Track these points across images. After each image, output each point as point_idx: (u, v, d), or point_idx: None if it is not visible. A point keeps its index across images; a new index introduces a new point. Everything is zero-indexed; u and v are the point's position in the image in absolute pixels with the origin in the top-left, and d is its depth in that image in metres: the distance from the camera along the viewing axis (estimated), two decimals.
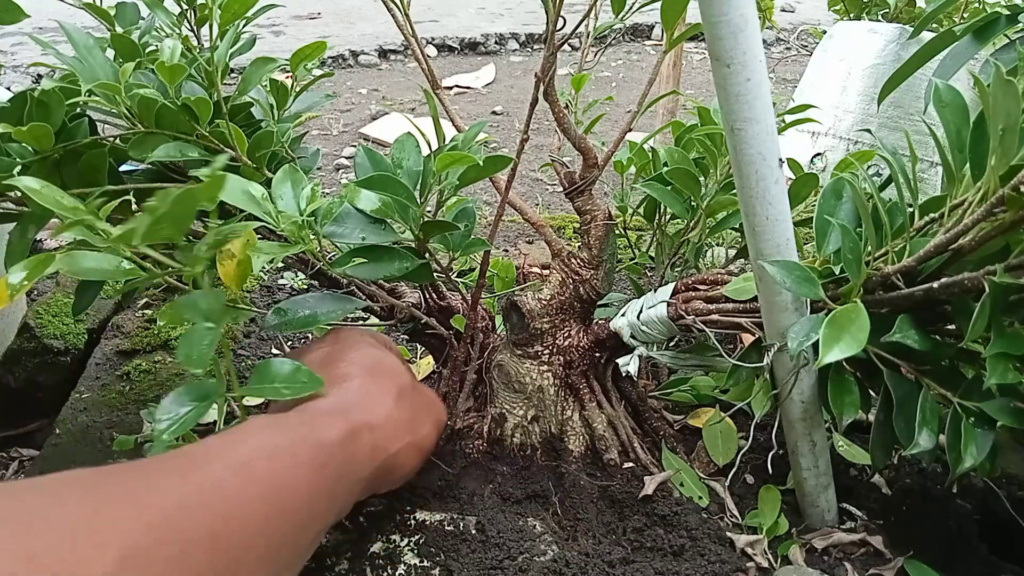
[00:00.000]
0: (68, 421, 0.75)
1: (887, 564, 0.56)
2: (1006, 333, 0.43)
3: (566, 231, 1.24)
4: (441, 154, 0.50)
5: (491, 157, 0.52)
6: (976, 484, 0.63)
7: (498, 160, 0.53)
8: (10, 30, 3.15)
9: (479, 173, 0.53)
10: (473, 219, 0.60)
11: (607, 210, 0.61)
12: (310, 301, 0.55)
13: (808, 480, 0.58)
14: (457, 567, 0.53)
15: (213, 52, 0.52)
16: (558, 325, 0.63)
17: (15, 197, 0.58)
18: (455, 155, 0.50)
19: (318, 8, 3.89)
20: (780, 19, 3.60)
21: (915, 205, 0.50)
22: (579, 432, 0.64)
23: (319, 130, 2.24)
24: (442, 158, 0.50)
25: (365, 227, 0.52)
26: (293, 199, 0.49)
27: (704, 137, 0.66)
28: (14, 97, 0.54)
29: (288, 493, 0.39)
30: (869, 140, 1.48)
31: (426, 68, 0.61)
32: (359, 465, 0.46)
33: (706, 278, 0.62)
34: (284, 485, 0.39)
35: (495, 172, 0.54)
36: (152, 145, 0.54)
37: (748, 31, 0.44)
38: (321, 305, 0.55)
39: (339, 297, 0.56)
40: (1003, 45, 0.68)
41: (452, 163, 0.51)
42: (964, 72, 0.72)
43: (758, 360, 0.55)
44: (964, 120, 0.48)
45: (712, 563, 0.54)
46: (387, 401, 0.50)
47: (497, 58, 3.30)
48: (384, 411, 0.49)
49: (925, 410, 0.49)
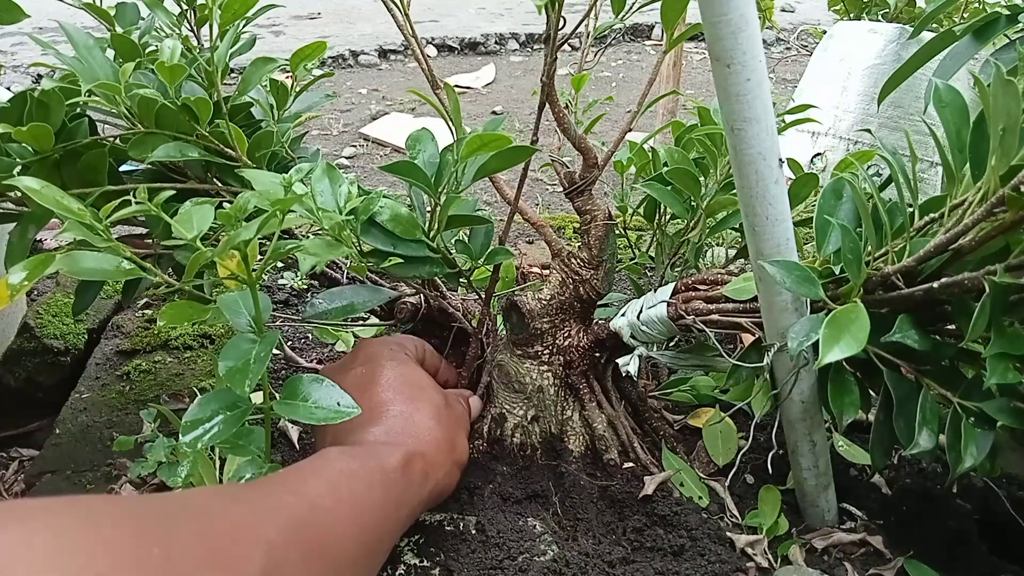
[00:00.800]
0: (68, 421, 0.75)
1: (887, 564, 0.56)
2: (1006, 333, 0.43)
3: (566, 231, 1.24)
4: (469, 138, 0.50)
5: (517, 147, 0.52)
6: (976, 484, 0.63)
7: (522, 150, 0.52)
8: (10, 30, 3.15)
9: (500, 164, 0.53)
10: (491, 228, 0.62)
11: (607, 210, 0.61)
12: (347, 292, 0.59)
13: (808, 480, 0.58)
14: (457, 567, 0.53)
15: (213, 52, 0.52)
16: (558, 325, 0.63)
17: (15, 197, 0.58)
18: (485, 136, 0.49)
19: (318, 8, 3.90)
20: (780, 19, 3.61)
21: (915, 205, 0.50)
22: (579, 432, 0.64)
23: (319, 130, 2.24)
24: (470, 141, 0.49)
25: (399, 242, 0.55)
26: (332, 196, 0.49)
27: (704, 137, 0.66)
28: (14, 97, 0.54)
29: (368, 514, 0.43)
30: (869, 140, 1.48)
31: (426, 68, 0.61)
32: (415, 489, 0.49)
33: (706, 278, 0.62)
34: (364, 506, 0.43)
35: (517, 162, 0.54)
36: (152, 145, 0.54)
37: (748, 31, 0.44)
38: (357, 296, 0.59)
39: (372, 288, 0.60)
40: (1003, 45, 0.68)
41: (481, 146, 0.50)
42: (964, 72, 0.72)
43: (758, 360, 0.55)
44: (964, 120, 0.48)
45: (712, 563, 0.54)
46: (430, 425, 0.53)
47: (497, 58, 3.30)
48: (430, 437, 0.53)
49: (925, 410, 0.49)
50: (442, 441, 0.53)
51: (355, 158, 2.02)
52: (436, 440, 0.53)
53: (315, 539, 0.38)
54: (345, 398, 0.46)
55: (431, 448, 0.52)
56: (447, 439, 0.54)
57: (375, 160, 1.97)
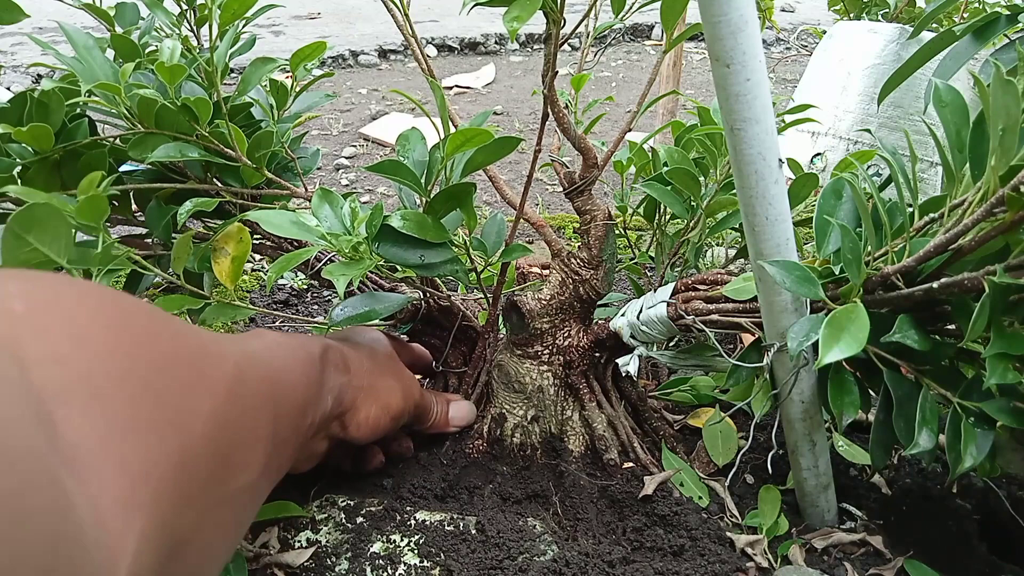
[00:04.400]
0: None
1: (887, 564, 0.56)
2: (1006, 333, 0.43)
3: (566, 231, 1.24)
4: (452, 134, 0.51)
5: (502, 138, 0.52)
6: (976, 484, 0.63)
7: (507, 141, 0.53)
8: (10, 30, 3.15)
9: (486, 158, 0.53)
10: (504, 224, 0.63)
11: (607, 210, 0.61)
12: (365, 300, 0.61)
13: (808, 480, 0.58)
14: (457, 567, 0.53)
15: (213, 52, 0.52)
16: (558, 325, 0.63)
17: (15, 197, 0.58)
18: (468, 132, 0.50)
19: (318, 8, 3.90)
20: (780, 19, 3.61)
21: (915, 205, 0.50)
22: (579, 432, 0.64)
23: (319, 130, 2.24)
24: (453, 137, 0.50)
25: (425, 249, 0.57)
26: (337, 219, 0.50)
27: (704, 137, 0.66)
28: (14, 97, 0.54)
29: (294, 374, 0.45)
30: (869, 140, 1.48)
31: (426, 68, 0.61)
32: (332, 380, 0.51)
33: (706, 278, 0.62)
34: (290, 367, 0.45)
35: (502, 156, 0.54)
36: (152, 145, 0.54)
37: (748, 31, 0.44)
38: (376, 303, 0.60)
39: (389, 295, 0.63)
40: (1003, 45, 0.68)
41: (465, 142, 0.51)
42: (964, 72, 0.72)
43: (758, 360, 0.55)
44: (964, 120, 0.48)
45: (712, 563, 0.54)
46: (360, 353, 0.56)
47: (497, 58, 3.30)
48: (356, 355, 0.55)
49: (925, 410, 0.49)
50: (368, 365, 0.56)
51: (355, 158, 2.02)
52: (360, 359, 0.55)
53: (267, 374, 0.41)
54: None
55: (354, 359, 0.54)
56: (375, 370, 0.56)
57: (375, 160, 1.96)
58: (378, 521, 0.58)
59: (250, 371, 0.38)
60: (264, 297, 1.01)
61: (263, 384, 0.40)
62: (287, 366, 0.45)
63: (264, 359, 0.42)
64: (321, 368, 0.49)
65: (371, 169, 0.52)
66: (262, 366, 0.41)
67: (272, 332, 0.49)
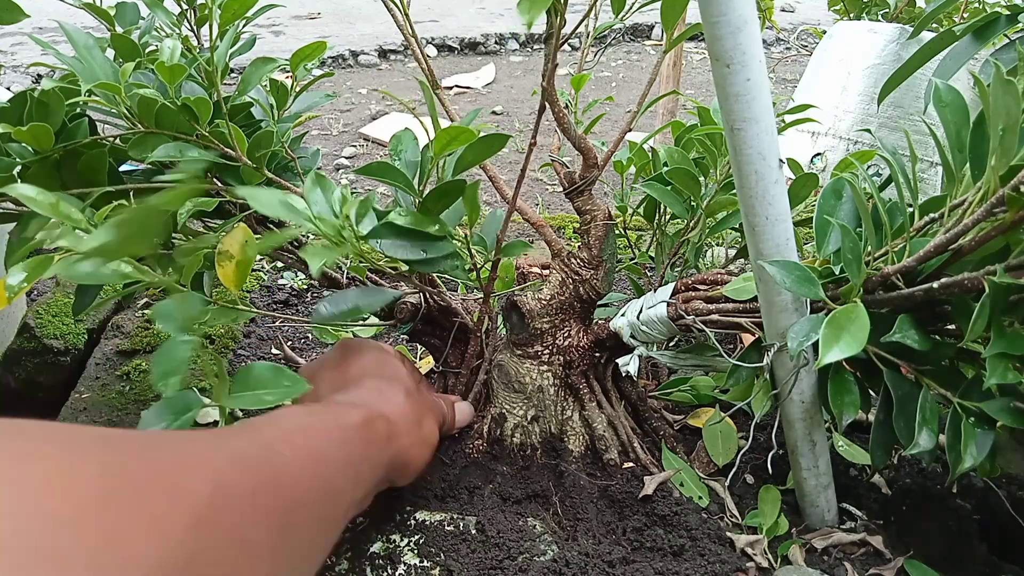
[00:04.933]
0: (68, 421, 0.74)
1: (887, 564, 0.56)
2: (1006, 333, 0.43)
3: (566, 231, 1.24)
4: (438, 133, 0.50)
5: (488, 135, 0.52)
6: (976, 484, 0.63)
7: (495, 138, 0.52)
8: (10, 30, 3.15)
9: (476, 156, 0.53)
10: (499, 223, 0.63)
11: (607, 210, 0.61)
12: (351, 296, 0.59)
13: (808, 480, 0.58)
14: (457, 567, 0.53)
15: (213, 52, 0.52)
16: (558, 325, 0.63)
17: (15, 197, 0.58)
18: (452, 130, 0.50)
19: (318, 8, 3.90)
20: (780, 19, 3.61)
21: (915, 205, 0.50)
22: (579, 432, 0.64)
23: (319, 130, 2.24)
24: (440, 135, 0.50)
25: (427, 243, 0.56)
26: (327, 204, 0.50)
27: (704, 137, 0.66)
28: (14, 97, 0.54)
29: (323, 464, 0.42)
30: (869, 140, 1.48)
31: (425, 68, 0.61)
32: (376, 449, 0.48)
33: (706, 278, 0.62)
34: (320, 456, 0.42)
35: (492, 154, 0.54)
36: (152, 145, 0.54)
37: (747, 31, 0.44)
38: (362, 299, 0.59)
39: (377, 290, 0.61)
40: (1003, 45, 0.68)
41: (451, 140, 0.51)
42: (964, 72, 0.72)
43: (758, 360, 0.55)
44: (964, 120, 0.48)
45: (712, 563, 0.54)
46: (398, 398, 0.54)
47: (497, 58, 3.30)
48: (395, 407, 0.53)
49: (925, 410, 0.49)
50: (409, 413, 0.53)
51: (355, 158, 2.02)
52: (402, 410, 0.53)
53: (268, 479, 0.36)
54: (293, 376, 0.46)
55: (395, 415, 0.52)
56: (415, 415, 0.54)
57: (375, 160, 1.96)
58: (378, 521, 0.58)
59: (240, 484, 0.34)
60: (264, 297, 1.01)
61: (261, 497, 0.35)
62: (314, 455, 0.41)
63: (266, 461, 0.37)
64: (363, 446, 0.46)
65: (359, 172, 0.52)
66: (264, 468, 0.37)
67: (297, 413, 0.45)
